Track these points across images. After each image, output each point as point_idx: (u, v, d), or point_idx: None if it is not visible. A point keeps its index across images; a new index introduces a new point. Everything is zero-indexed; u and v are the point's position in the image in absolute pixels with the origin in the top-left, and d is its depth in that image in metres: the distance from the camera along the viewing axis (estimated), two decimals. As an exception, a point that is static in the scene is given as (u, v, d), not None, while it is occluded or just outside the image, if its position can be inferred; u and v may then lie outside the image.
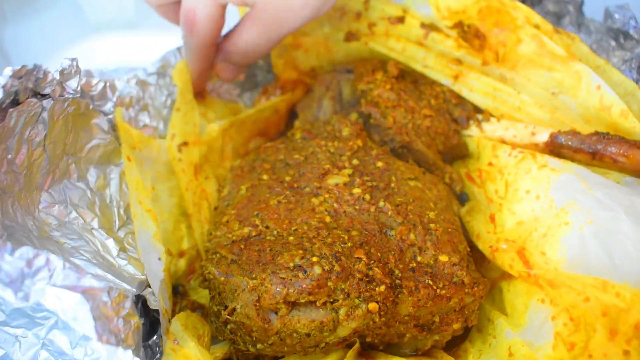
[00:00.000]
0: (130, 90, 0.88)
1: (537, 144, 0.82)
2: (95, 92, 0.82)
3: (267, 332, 0.66)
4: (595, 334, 0.64)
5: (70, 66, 0.77)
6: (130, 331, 0.62)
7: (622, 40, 0.91)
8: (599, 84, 0.81)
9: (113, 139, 0.82)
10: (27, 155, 0.70)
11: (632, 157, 0.75)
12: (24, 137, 0.69)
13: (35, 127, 0.71)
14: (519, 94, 0.87)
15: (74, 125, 0.76)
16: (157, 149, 0.85)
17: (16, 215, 0.67)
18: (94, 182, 0.79)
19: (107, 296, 0.60)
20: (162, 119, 0.93)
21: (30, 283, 0.57)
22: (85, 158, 0.79)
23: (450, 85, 0.91)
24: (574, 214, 0.73)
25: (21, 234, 0.65)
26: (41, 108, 0.71)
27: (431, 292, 0.70)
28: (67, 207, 0.74)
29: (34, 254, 0.57)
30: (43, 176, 0.73)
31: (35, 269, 0.57)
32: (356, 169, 0.81)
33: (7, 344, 0.61)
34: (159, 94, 0.93)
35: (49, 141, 0.72)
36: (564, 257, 0.72)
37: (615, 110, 0.80)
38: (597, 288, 0.65)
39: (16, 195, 0.68)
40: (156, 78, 0.94)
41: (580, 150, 0.78)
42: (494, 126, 0.87)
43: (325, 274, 0.66)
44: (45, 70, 0.72)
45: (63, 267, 0.58)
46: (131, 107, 0.88)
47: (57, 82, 0.74)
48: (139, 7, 1.23)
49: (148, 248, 0.74)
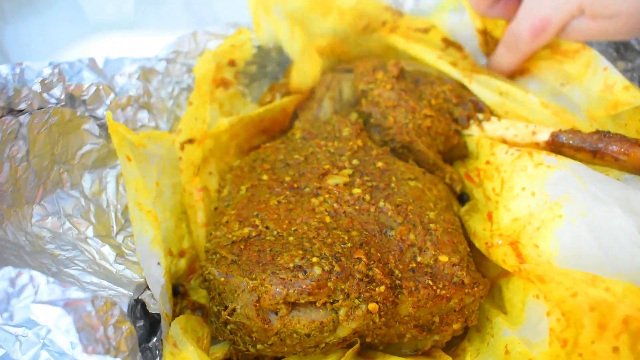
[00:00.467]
0: (129, 88, 0.87)
1: (538, 143, 0.82)
2: (87, 96, 0.82)
3: (267, 333, 0.66)
4: (583, 330, 0.63)
5: (52, 75, 0.76)
6: (122, 337, 0.62)
7: (623, 52, 0.92)
8: (607, 65, 0.83)
9: (106, 143, 0.81)
10: (10, 172, 0.70)
11: (633, 155, 0.75)
12: (4, 155, 0.69)
13: (15, 143, 0.71)
14: (527, 94, 0.88)
15: (61, 135, 0.76)
16: (168, 144, 0.84)
17: (6, 234, 0.68)
18: (89, 188, 0.79)
19: (91, 306, 0.60)
20: (165, 111, 0.91)
21: (16, 302, 0.57)
22: (78, 165, 0.79)
23: (460, 78, 0.92)
24: (567, 207, 0.73)
25: (9, 253, 0.64)
26: (19, 124, 0.71)
27: (431, 293, 0.70)
28: (60, 218, 0.74)
29: (17, 273, 0.57)
30: (32, 190, 0.73)
31: (20, 287, 0.57)
32: (356, 169, 0.81)
33: (8, 343, 0.61)
34: (166, 83, 0.92)
35: (33, 155, 0.72)
36: (556, 249, 0.71)
37: (618, 87, 0.81)
38: (586, 283, 0.64)
39: (4, 213, 0.69)
40: (165, 65, 0.92)
41: (582, 149, 0.78)
42: (494, 125, 0.87)
43: (325, 274, 0.66)
44: (15, 87, 0.72)
45: (47, 282, 0.58)
46: (129, 107, 0.87)
47: (34, 95, 0.73)
48: (139, 7, 1.23)
49: (147, 253, 0.74)
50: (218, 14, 1.25)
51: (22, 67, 0.76)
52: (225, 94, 0.95)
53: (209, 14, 1.26)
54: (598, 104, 0.83)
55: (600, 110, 0.82)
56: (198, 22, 1.21)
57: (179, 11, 1.25)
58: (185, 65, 0.95)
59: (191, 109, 0.86)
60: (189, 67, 0.96)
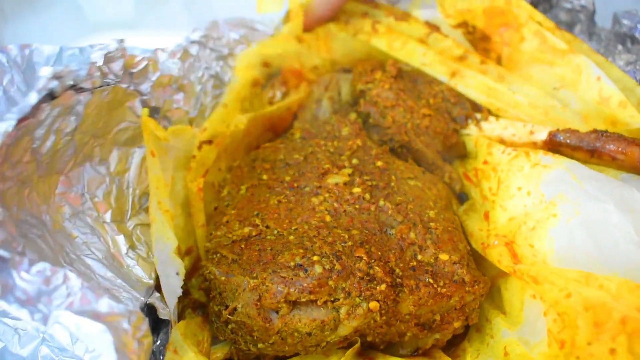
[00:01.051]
0: (171, 67, 0.86)
1: (535, 142, 0.83)
2: (136, 69, 0.81)
3: (268, 332, 0.66)
4: (579, 330, 0.63)
5: (118, 49, 0.76)
6: (143, 352, 0.62)
7: (629, 45, 0.92)
8: (599, 75, 0.82)
9: None
10: (53, 144, 0.69)
11: (630, 154, 0.75)
12: (53, 128, 0.69)
13: (66, 118, 0.70)
14: (514, 94, 0.87)
15: (108, 111, 0.76)
16: (189, 137, 0.84)
17: (32, 206, 0.66)
18: (115, 165, 0.78)
19: (127, 323, 0.59)
20: (194, 96, 0.90)
21: (48, 301, 0.56)
22: (111, 139, 0.78)
23: (446, 81, 0.91)
24: (562, 206, 0.73)
25: (35, 234, 0.63)
26: (77, 101, 0.70)
27: (432, 291, 0.70)
28: (83, 195, 0.74)
29: (52, 271, 0.56)
30: (65, 162, 0.72)
31: (53, 287, 0.56)
32: (356, 169, 0.81)
33: (6, 335, 0.61)
34: (197, 67, 0.91)
35: (79, 131, 0.72)
36: (551, 249, 0.72)
37: (614, 101, 0.81)
38: (579, 282, 0.64)
39: (34, 184, 0.67)
40: (197, 48, 0.91)
41: (579, 148, 0.79)
42: (492, 125, 0.88)
43: (326, 272, 0.66)
44: (90, 63, 0.71)
45: (81, 287, 0.57)
46: (168, 87, 0.86)
47: (97, 71, 0.73)
48: (139, 7, 1.23)
49: (167, 262, 0.72)
50: (218, 14, 1.25)
51: (31, 49, 0.76)
52: (251, 92, 0.94)
53: (209, 13, 1.25)
54: (595, 114, 0.83)
55: (598, 121, 0.83)
56: (198, 22, 1.21)
57: (179, 11, 1.24)
58: (214, 52, 0.94)
59: (224, 112, 0.86)
60: (218, 53, 0.94)
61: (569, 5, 0.99)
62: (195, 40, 0.91)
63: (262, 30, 1.00)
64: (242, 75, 0.88)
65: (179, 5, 1.26)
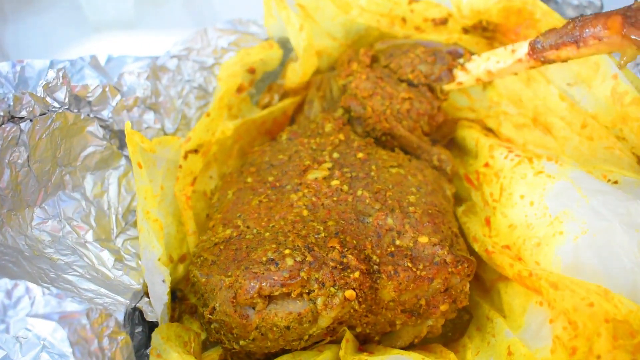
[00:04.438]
0: (136, 88, 0.86)
1: (520, 59, 0.79)
2: (93, 97, 0.82)
3: (246, 328, 0.67)
4: (600, 338, 0.63)
5: (56, 78, 0.77)
6: (117, 348, 0.64)
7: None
8: (616, 73, 0.79)
9: (109, 144, 0.82)
10: (10, 177, 0.72)
11: (612, 26, 0.68)
12: (5, 161, 0.72)
13: (16, 149, 0.73)
14: (549, 84, 0.85)
15: (63, 138, 0.78)
16: (176, 147, 0.85)
17: (6, 238, 0.70)
18: (91, 189, 0.80)
19: (85, 319, 0.61)
20: (173, 111, 0.90)
21: (13, 314, 0.59)
22: (81, 166, 0.80)
23: None
24: (568, 223, 0.72)
25: (7, 260, 0.67)
26: (19, 131, 0.73)
27: (411, 275, 0.69)
28: (60, 221, 0.76)
29: (13, 285, 0.59)
30: (33, 193, 0.75)
31: (16, 299, 0.59)
32: (336, 162, 0.80)
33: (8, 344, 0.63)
34: (177, 81, 0.91)
35: (34, 160, 0.74)
36: (558, 267, 0.71)
37: (627, 98, 0.77)
38: (600, 295, 0.64)
39: (5, 218, 0.71)
40: (177, 62, 0.92)
41: (563, 44, 0.73)
42: (476, 62, 0.85)
43: (297, 264, 0.66)
44: (15, 94, 0.73)
45: (42, 294, 0.60)
46: (135, 107, 0.86)
47: (35, 101, 0.75)
48: (139, 7, 1.24)
49: (153, 270, 0.74)
50: (218, 14, 1.25)
51: (22, 65, 0.77)
52: (237, 98, 0.95)
53: (209, 13, 1.26)
54: (605, 113, 0.80)
55: (607, 120, 0.79)
56: (198, 22, 1.21)
57: (179, 11, 1.25)
58: (197, 63, 0.94)
59: (207, 121, 0.87)
60: (201, 64, 0.94)
61: (576, 2, 0.96)
62: (174, 54, 0.92)
63: (256, 33, 1.00)
64: (224, 84, 0.89)
65: (179, 5, 1.26)
